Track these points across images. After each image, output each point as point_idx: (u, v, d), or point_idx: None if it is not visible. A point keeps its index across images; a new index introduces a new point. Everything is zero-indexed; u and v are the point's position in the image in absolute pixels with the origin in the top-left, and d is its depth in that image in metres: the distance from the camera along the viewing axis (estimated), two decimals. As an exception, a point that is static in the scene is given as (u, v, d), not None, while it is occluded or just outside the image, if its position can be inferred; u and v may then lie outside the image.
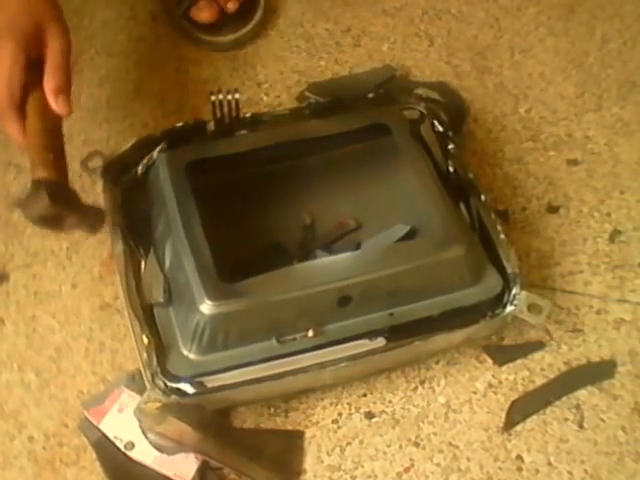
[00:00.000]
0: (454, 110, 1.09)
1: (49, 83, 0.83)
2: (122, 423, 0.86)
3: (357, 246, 0.93)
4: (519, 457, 0.87)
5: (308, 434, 0.88)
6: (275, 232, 0.95)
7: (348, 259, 0.87)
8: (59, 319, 0.94)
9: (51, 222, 0.83)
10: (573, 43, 1.19)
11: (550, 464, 0.87)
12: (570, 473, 0.87)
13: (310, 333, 0.84)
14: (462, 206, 0.95)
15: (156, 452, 0.83)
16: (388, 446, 0.88)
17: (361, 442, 0.88)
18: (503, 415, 0.89)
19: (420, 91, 1.05)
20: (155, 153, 0.94)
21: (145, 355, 0.83)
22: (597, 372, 0.93)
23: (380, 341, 0.85)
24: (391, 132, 0.95)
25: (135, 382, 0.89)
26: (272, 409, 0.89)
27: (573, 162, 1.08)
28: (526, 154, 1.08)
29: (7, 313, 0.94)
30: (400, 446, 0.88)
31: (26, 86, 0.83)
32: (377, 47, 1.17)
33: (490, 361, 0.93)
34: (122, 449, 0.85)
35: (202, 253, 0.84)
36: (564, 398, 0.91)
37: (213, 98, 0.94)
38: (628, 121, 1.11)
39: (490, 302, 0.89)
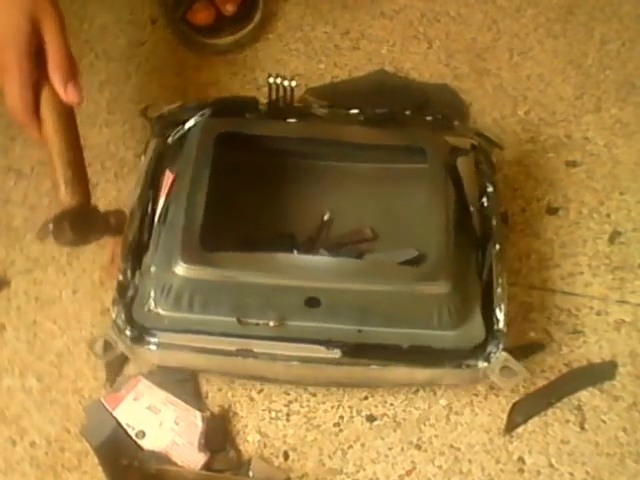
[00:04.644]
0: (454, 112, 1.10)
1: (55, 76, 0.84)
2: (136, 411, 0.87)
3: (359, 255, 0.93)
4: (520, 459, 0.87)
5: (309, 437, 0.88)
6: (288, 223, 0.95)
7: (326, 263, 0.87)
8: (60, 324, 0.94)
9: (77, 243, 0.86)
10: (572, 44, 1.19)
11: (551, 465, 0.87)
12: (571, 474, 0.87)
13: (271, 323, 0.84)
14: (479, 251, 0.91)
15: (166, 442, 0.85)
16: (390, 449, 0.88)
17: (363, 445, 0.88)
18: (504, 417, 0.89)
19: (477, 126, 1.03)
20: (196, 118, 0.96)
21: (117, 295, 0.85)
22: (598, 373, 0.93)
23: (336, 352, 0.84)
24: (426, 158, 0.93)
25: (153, 373, 0.90)
26: (273, 413, 0.89)
27: (572, 163, 1.08)
28: (525, 156, 1.08)
29: (8, 318, 0.95)
30: (402, 449, 0.88)
31: (36, 87, 0.84)
32: (376, 50, 1.18)
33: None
34: (133, 437, 0.86)
35: (195, 217, 0.86)
36: (565, 399, 0.91)
37: (271, 80, 0.95)
38: (627, 122, 1.11)
39: (464, 352, 0.85)
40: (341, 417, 0.89)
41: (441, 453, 0.88)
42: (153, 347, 0.84)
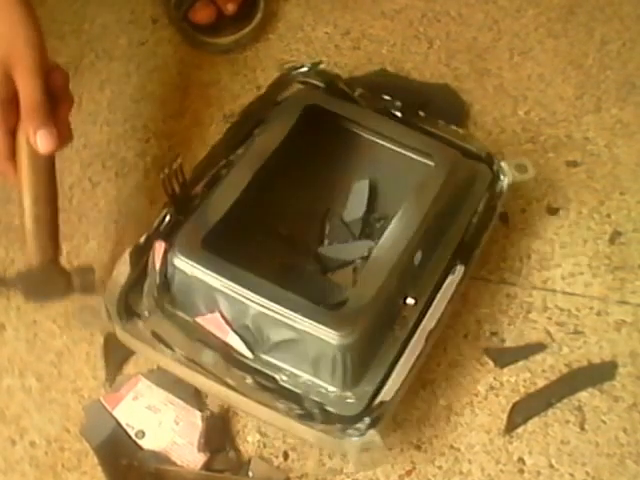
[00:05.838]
0: (454, 112, 1.10)
1: (26, 124, 0.80)
2: (135, 411, 0.87)
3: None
4: (520, 459, 0.87)
5: (309, 437, 0.88)
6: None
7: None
8: (60, 324, 0.94)
9: (35, 302, 0.88)
10: (572, 44, 1.19)
11: (552, 466, 0.87)
12: (572, 475, 0.87)
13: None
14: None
15: (165, 442, 0.85)
16: (390, 449, 0.87)
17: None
18: (504, 417, 0.89)
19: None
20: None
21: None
22: (598, 374, 0.93)
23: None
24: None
25: (153, 372, 0.90)
26: (273, 412, 0.89)
27: (573, 163, 1.08)
28: (526, 156, 1.08)
29: (8, 318, 0.95)
30: (401, 449, 0.88)
31: (11, 133, 0.81)
32: (376, 50, 1.18)
33: (491, 363, 0.93)
34: (133, 437, 0.86)
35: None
36: (565, 400, 0.91)
37: (162, 176, 0.88)
38: (627, 122, 1.11)
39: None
40: (341, 417, 0.89)
41: (441, 453, 0.88)
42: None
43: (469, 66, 1.16)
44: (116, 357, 0.91)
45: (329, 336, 0.79)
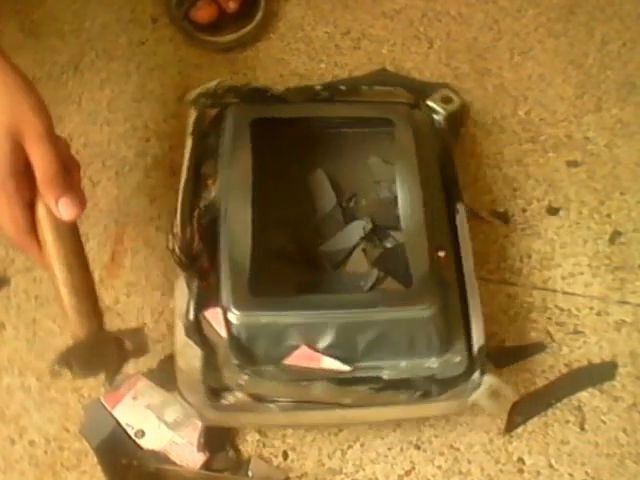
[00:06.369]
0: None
1: (45, 195, 0.76)
2: (135, 411, 0.87)
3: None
4: (520, 459, 0.87)
5: (309, 437, 0.88)
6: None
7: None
8: (60, 323, 0.94)
9: (92, 375, 0.85)
10: (572, 44, 1.19)
11: (551, 466, 0.87)
12: (571, 475, 0.87)
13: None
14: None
15: (165, 441, 0.85)
16: (389, 449, 0.88)
17: (362, 445, 0.88)
18: (504, 417, 0.89)
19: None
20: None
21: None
22: (598, 374, 0.93)
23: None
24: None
25: (152, 372, 0.90)
26: (273, 412, 0.89)
27: (573, 163, 1.08)
28: (526, 156, 1.08)
29: (7, 317, 0.95)
30: (401, 449, 0.88)
31: (29, 206, 0.76)
32: (377, 49, 1.17)
33: (491, 363, 0.92)
34: (132, 436, 0.86)
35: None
36: (565, 400, 0.91)
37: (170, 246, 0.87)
38: (628, 122, 1.11)
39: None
40: (341, 417, 0.89)
41: (440, 453, 0.88)
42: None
43: (469, 66, 1.16)
44: (116, 358, 0.91)
45: (419, 312, 0.82)
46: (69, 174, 0.77)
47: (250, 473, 0.85)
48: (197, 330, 0.83)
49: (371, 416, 0.85)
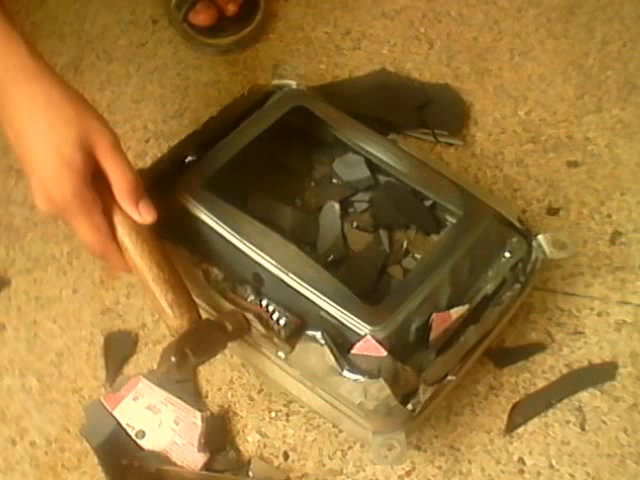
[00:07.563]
0: (454, 112, 1.10)
1: (124, 202, 0.77)
2: (136, 411, 0.87)
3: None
4: (521, 460, 0.87)
5: (309, 438, 0.88)
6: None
7: None
8: (60, 324, 0.94)
9: (202, 363, 0.84)
10: (573, 45, 1.19)
11: (552, 466, 0.87)
12: (572, 475, 0.87)
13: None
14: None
15: (165, 442, 0.85)
16: (389, 449, 0.88)
17: (362, 445, 0.88)
18: (504, 418, 0.89)
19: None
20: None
21: None
22: (598, 374, 0.92)
23: None
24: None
25: (153, 373, 0.90)
26: (274, 413, 0.89)
27: (573, 164, 1.08)
28: (526, 156, 1.08)
29: (8, 318, 0.95)
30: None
31: (105, 213, 0.78)
32: (377, 50, 1.18)
33: (491, 363, 0.93)
34: (133, 437, 0.86)
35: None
36: (566, 400, 0.91)
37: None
38: (628, 123, 1.11)
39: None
40: (341, 417, 0.89)
41: (441, 453, 0.88)
42: None
43: (470, 66, 1.16)
44: (116, 357, 0.91)
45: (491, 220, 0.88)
46: None
47: (251, 474, 0.85)
48: None
49: None
